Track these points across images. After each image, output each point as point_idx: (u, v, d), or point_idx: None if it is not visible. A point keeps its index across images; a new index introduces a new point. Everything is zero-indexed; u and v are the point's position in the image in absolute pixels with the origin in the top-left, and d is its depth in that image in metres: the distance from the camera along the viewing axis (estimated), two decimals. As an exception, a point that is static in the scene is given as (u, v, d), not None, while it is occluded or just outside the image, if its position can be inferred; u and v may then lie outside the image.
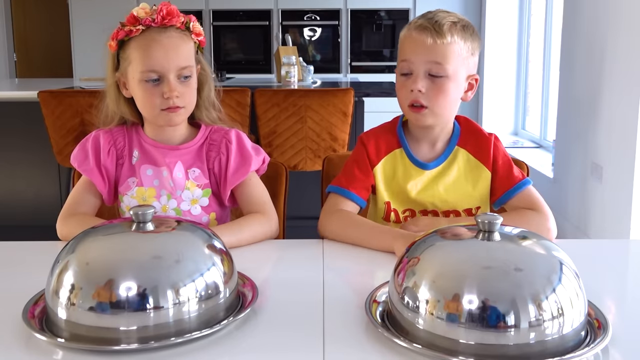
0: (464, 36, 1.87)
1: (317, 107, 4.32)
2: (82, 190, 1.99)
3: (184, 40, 1.89)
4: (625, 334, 1.26)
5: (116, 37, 1.88)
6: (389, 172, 1.99)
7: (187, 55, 1.90)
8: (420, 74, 1.86)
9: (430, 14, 1.89)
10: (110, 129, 2.00)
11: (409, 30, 1.89)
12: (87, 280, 1.21)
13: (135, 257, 1.25)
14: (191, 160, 1.98)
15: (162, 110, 1.87)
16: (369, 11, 8.49)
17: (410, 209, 1.96)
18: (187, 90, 1.90)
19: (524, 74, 7.91)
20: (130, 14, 1.85)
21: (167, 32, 1.86)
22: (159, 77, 1.85)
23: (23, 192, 5.05)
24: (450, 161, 1.98)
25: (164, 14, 1.85)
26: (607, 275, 1.66)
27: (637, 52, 4.03)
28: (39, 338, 1.20)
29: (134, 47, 1.86)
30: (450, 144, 1.99)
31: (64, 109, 4.25)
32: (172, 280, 1.21)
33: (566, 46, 5.29)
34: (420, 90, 1.85)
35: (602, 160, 4.58)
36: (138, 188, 1.95)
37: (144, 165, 1.97)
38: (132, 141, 1.99)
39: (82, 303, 1.19)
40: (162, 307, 1.19)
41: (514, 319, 1.08)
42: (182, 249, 1.30)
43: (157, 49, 1.84)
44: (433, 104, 1.87)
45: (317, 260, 1.70)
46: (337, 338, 1.24)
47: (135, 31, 1.85)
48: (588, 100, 4.79)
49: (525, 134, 7.77)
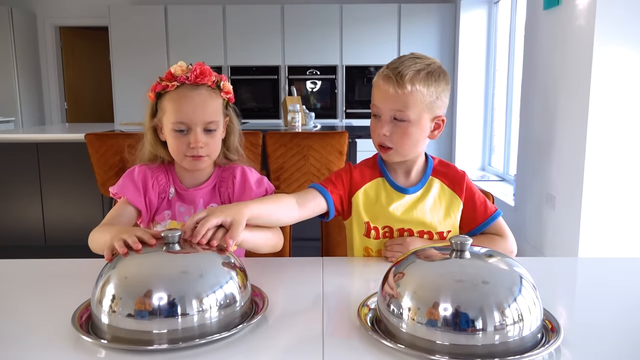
0: (428, 83, 1.77)
1: (317, 147, 4.33)
2: (117, 213, 1.89)
3: (212, 98, 1.86)
4: (574, 336, 1.27)
5: (154, 89, 1.87)
6: (372, 196, 1.93)
7: (214, 110, 1.87)
8: (386, 118, 1.81)
9: (396, 63, 1.81)
10: (150, 166, 1.97)
11: (377, 79, 1.83)
12: (126, 292, 1.22)
13: (166, 272, 1.26)
14: (209, 197, 1.97)
15: (187, 156, 1.86)
16: (361, 67, 8.53)
17: (388, 226, 1.90)
18: (212, 142, 1.87)
19: (490, 119, 7.92)
20: (168, 70, 1.84)
21: (198, 89, 1.84)
22: (187, 128, 1.83)
23: (73, 218, 5.05)
24: (426, 189, 1.93)
25: (197, 73, 1.83)
26: (560, 288, 1.66)
27: (583, 102, 4.05)
28: (86, 340, 1.21)
29: (168, 100, 1.84)
30: (425, 175, 1.94)
31: (106, 148, 4.27)
32: (196, 291, 1.22)
33: (525, 95, 5.31)
34: (385, 134, 1.82)
35: (555, 191, 4.58)
36: (171, 221, 1.93)
37: (178, 202, 1.95)
38: (169, 180, 1.97)
39: (122, 310, 1.19)
40: (188, 314, 1.19)
41: (482, 324, 1.11)
42: (205, 265, 1.31)
43: (187, 104, 1.82)
44: (397, 145, 1.83)
45: (318, 275, 1.70)
46: (334, 341, 1.24)
47: (170, 86, 1.83)
48: (543, 140, 4.80)
49: (491, 169, 7.78)
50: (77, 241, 5.00)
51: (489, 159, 7.98)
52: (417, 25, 8.41)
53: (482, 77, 8.01)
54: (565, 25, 4.41)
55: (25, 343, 1.23)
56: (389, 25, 8.43)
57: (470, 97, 8.06)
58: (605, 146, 4.05)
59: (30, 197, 5.05)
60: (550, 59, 4.69)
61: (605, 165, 4.08)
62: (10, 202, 5.08)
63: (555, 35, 4.60)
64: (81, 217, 5.05)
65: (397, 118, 1.80)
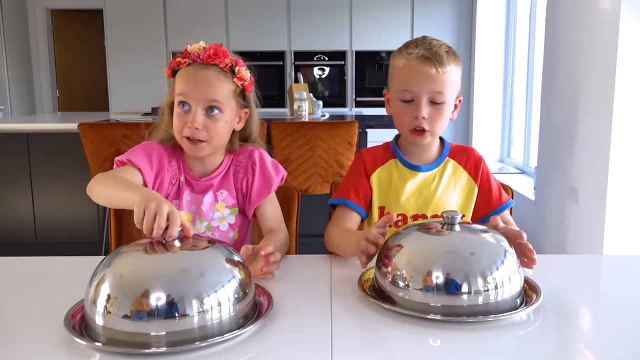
0: (456, 62, 1.88)
1: (325, 137, 4.32)
2: (124, 172, 1.83)
3: (220, 79, 1.87)
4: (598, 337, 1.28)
5: (170, 65, 1.91)
6: (385, 179, 1.97)
7: (219, 92, 1.86)
8: (423, 102, 1.85)
9: (425, 43, 1.86)
10: (165, 147, 1.97)
11: (409, 61, 1.85)
12: (122, 291, 1.22)
13: (164, 271, 1.26)
14: (219, 184, 1.98)
15: (186, 138, 1.87)
16: (372, 52, 8.52)
17: (402, 214, 1.94)
18: (213, 126, 1.86)
19: (509, 108, 7.90)
20: (185, 48, 1.88)
21: (207, 68, 1.86)
22: (188, 105, 1.85)
23: (65, 213, 5.07)
24: (442, 169, 1.98)
25: (211, 52, 1.85)
26: (583, 287, 1.66)
27: (608, 89, 4.03)
28: (79, 342, 1.21)
29: (178, 76, 1.89)
30: (442, 155, 1.99)
31: (101, 139, 4.27)
32: (197, 291, 1.22)
33: (546, 82, 5.29)
34: (424, 116, 1.85)
35: (578, 184, 4.57)
36: (178, 212, 1.92)
37: (186, 191, 1.96)
38: (180, 167, 1.97)
39: (117, 311, 1.19)
40: (188, 315, 1.19)
41: (467, 288, 1.34)
42: (206, 263, 1.31)
43: (191, 80, 1.85)
44: (433, 127, 1.88)
45: (325, 273, 1.70)
46: (343, 343, 1.24)
47: (183, 62, 1.88)
48: (566, 130, 4.79)
49: (510, 161, 7.76)
50: (69, 238, 5.06)
51: (507, 150, 7.96)
52: (431, 7, 8.40)
53: (501, 63, 7.97)
54: (589, 7, 4.38)
55: (15, 346, 1.24)
56: (402, 7, 8.42)
57: (488, 85, 8.03)
58: (632, 136, 4.03)
59: (19, 190, 5.06)
60: (574, 44, 4.67)
61: (632, 156, 4.06)
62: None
63: (578, 17, 4.58)
64: (74, 213, 5.06)
65: (435, 100, 1.86)
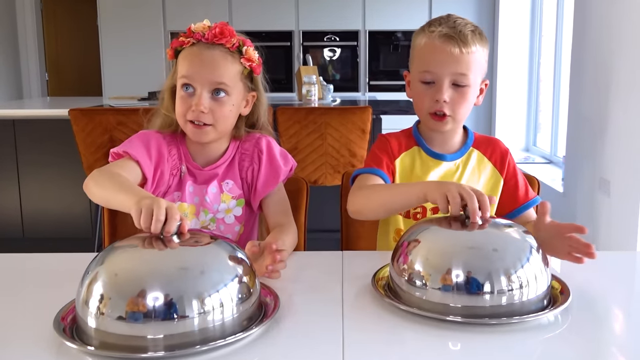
0: (483, 43, 1.86)
1: (336, 124, 4.32)
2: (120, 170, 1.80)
3: (226, 60, 1.88)
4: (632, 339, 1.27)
5: (172, 45, 1.91)
6: (408, 166, 1.97)
7: (226, 74, 1.87)
8: (445, 84, 1.84)
9: (449, 22, 1.85)
10: (164, 136, 1.97)
11: (431, 40, 1.84)
12: (116, 291, 1.22)
13: (162, 269, 1.26)
14: (224, 173, 1.98)
15: (190, 122, 1.87)
16: (387, 32, 8.49)
17: (421, 206, 1.92)
18: (219, 109, 1.87)
19: (535, 93, 7.88)
20: (189, 27, 1.89)
21: (212, 48, 1.86)
22: (193, 88, 1.86)
23: (55, 206, 5.08)
24: (465, 159, 1.98)
25: (216, 32, 1.86)
26: (615, 286, 1.65)
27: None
28: (70, 346, 1.21)
29: (181, 57, 1.89)
30: (466, 145, 1.99)
31: (94, 126, 4.27)
32: (197, 290, 1.21)
33: (575, 65, 5.27)
34: (445, 100, 1.84)
35: (610, 175, 4.56)
36: (180, 204, 1.93)
37: (189, 181, 1.96)
38: (181, 156, 1.97)
39: (111, 312, 1.19)
40: (188, 317, 1.19)
41: (490, 287, 1.31)
42: (207, 261, 1.30)
43: (196, 61, 1.86)
44: (455, 112, 1.87)
45: (336, 271, 1.69)
46: (356, 347, 1.23)
47: (186, 42, 1.88)
48: (596, 117, 4.77)
49: (536, 150, 7.74)
50: (59, 233, 5.07)
51: (533, 139, 7.94)
52: (451, -17, 8.37)
53: (526, 44, 7.94)
54: (624, -17, 4.36)
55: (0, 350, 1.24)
56: (419, -17, 8.40)
57: (513, 68, 7.99)
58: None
59: (5, 182, 5.08)
60: (605, 22, 4.64)
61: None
62: (-16, 188, 5.11)
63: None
64: (64, 206, 5.07)
65: (458, 83, 1.85)
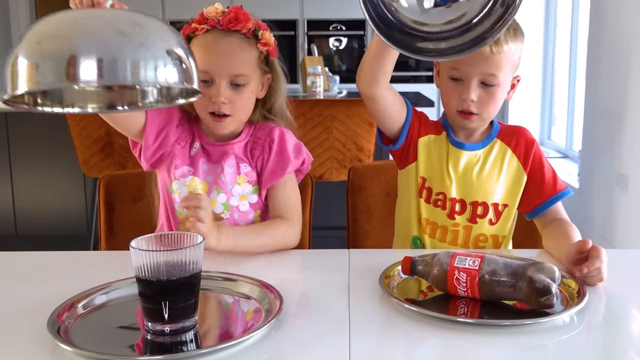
0: (516, 40, 1.85)
1: (342, 117, 4.31)
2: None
3: (244, 48, 1.88)
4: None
5: (184, 31, 1.90)
6: (432, 149, 1.97)
7: (244, 63, 1.88)
8: (473, 83, 1.84)
9: None
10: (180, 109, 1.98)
11: None
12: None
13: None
14: (241, 155, 1.98)
15: (210, 114, 1.88)
16: (394, 21, 8.46)
17: (442, 193, 1.93)
18: (238, 99, 1.88)
19: (549, 84, 7.87)
20: (201, 12, 1.88)
21: (229, 36, 1.86)
22: (211, 79, 1.86)
23: (49, 203, 5.07)
24: (487, 151, 1.97)
25: (231, 17, 1.85)
26: (633, 285, 1.65)
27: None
28: (64, 349, 1.20)
29: (195, 46, 1.87)
30: (490, 136, 1.99)
31: (90, 119, 4.26)
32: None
33: (592, 56, 5.26)
34: (473, 99, 1.84)
35: (628, 170, 4.55)
36: (193, 178, 1.94)
37: (202, 159, 1.96)
38: (194, 133, 1.98)
39: None
40: None
41: None
42: None
43: (213, 52, 1.85)
44: (482, 111, 1.88)
45: (343, 270, 1.68)
46: (363, 348, 1.23)
47: (200, 29, 1.87)
48: (614, 110, 4.77)
49: (551, 144, 7.73)
50: (53, 230, 5.07)
51: (548, 132, 7.93)
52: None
53: (540, 33, 7.93)
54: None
55: (-8, 351, 1.23)
56: (429, -31, 8.36)
57: (526, 57, 7.95)
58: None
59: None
60: (623, 9, 4.64)
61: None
62: (-25, 184, 5.11)
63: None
64: (59, 202, 5.07)
65: (487, 82, 1.84)
